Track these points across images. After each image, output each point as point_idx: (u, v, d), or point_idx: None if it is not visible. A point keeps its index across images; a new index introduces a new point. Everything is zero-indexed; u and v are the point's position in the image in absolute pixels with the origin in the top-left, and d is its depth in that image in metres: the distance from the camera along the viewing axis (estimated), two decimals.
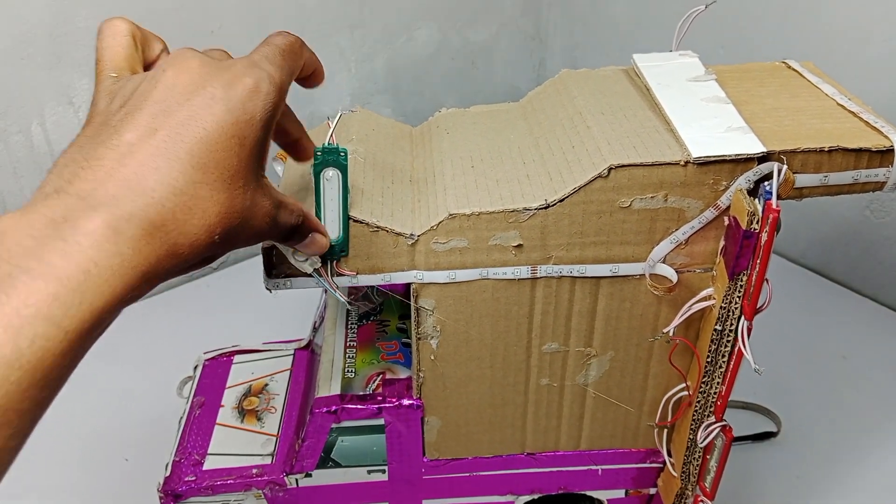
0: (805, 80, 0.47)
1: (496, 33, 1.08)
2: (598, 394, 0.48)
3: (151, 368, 0.76)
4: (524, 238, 0.42)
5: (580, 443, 0.51)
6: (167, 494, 0.50)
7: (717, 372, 0.44)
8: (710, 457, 0.47)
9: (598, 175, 0.40)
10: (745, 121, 0.41)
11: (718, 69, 0.47)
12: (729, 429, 0.45)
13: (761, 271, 0.39)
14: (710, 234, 0.42)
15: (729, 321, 0.41)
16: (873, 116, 0.42)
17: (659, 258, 0.42)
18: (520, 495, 0.54)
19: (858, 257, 0.85)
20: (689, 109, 0.43)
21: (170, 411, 0.62)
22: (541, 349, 0.46)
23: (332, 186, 0.39)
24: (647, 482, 0.53)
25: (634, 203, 0.41)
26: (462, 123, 0.50)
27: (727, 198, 0.40)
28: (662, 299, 0.44)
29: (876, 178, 0.41)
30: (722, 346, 0.42)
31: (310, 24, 0.89)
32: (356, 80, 0.97)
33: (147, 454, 0.65)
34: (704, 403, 0.45)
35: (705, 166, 0.39)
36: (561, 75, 0.50)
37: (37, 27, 0.72)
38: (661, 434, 0.50)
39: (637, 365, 0.47)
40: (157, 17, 0.78)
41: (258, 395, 0.58)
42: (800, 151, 0.39)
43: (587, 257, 0.42)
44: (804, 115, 0.43)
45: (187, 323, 0.83)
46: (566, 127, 0.45)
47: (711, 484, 0.47)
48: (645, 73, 0.47)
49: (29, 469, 0.66)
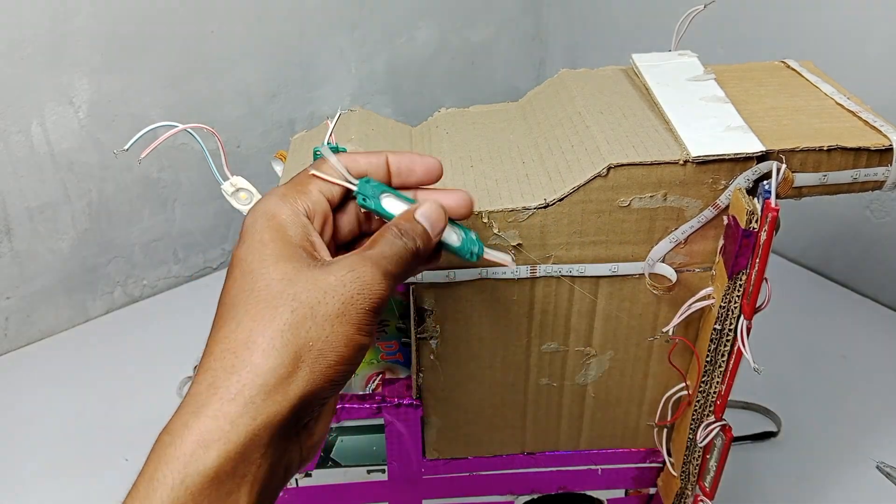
0: (804, 80, 0.47)
1: (496, 33, 1.08)
2: (598, 394, 0.48)
3: (151, 368, 0.76)
4: (523, 237, 0.42)
5: (580, 442, 0.51)
6: None
7: (717, 371, 0.43)
8: (709, 456, 0.47)
9: (597, 174, 0.40)
10: (744, 120, 0.41)
11: (717, 69, 0.47)
12: (728, 428, 0.45)
13: (760, 270, 0.39)
14: (710, 233, 0.42)
15: (728, 320, 0.41)
16: (872, 116, 0.42)
17: (658, 257, 0.42)
18: (519, 495, 0.54)
19: (858, 257, 0.85)
20: (688, 109, 0.43)
21: (170, 411, 0.62)
22: (540, 349, 0.46)
23: None
24: (647, 482, 0.53)
25: (634, 202, 0.41)
26: (461, 123, 0.50)
27: (726, 197, 0.40)
28: (662, 298, 0.44)
29: (875, 176, 0.41)
30: (721, 346, 0.42)
31: (310, 24, 0.89)
32: (356, 80, 0.97)
33: (147, 454, 0.65)
34: (704, 403, 0.45)
35: (704, 165, 0.39)
36: (560, 75, 0.50)
37: (37, 27, 0.72)
38: (660, 434, 0.50)
39: (636, 364, 0.47)
40: (158, 18, 0.78)
41: None
42: (799, 150, 0.39)
43: (586, 257, 0.42)
44: (803, 115, 0.43)
45: (187, 323, 0.82)
46: (565, 126, 0.45)
47: (711, 483, 0.47)
48: (644, 72, 0.47)
49: (29, 469, 0.66)
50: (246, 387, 0.28)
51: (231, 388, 0.28)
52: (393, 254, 0.32)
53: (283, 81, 0.91)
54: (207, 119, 0.85)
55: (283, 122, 0.93)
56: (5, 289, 0.79)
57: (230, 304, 0.30)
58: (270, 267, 0.30)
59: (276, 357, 0.28)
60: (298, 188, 0.33)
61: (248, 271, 0.30)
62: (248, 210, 0.33)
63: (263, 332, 0.28)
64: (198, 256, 0.93)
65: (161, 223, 0.88)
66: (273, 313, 0.29)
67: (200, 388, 0.28)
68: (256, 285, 0.30)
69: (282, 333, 0.28)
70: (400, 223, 0.33)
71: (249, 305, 0.29)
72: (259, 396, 0.28)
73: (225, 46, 0.84)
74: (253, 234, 0.31)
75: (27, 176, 0.76)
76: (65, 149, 0.77)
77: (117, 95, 0.79)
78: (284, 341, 0.28)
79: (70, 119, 0.77)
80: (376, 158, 0.35)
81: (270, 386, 0.28)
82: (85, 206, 0.81)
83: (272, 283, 0.30)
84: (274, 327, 0.29)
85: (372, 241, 0.32)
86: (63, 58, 0.74)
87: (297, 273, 0.30)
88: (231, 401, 0.28)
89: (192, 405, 0.28)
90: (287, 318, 0.29)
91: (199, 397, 0.28)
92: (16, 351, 0.82)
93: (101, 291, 0.86)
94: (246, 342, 0.28)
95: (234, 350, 0.28)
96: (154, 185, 0.85)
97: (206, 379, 0.28)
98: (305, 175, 0.34)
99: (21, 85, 0.73)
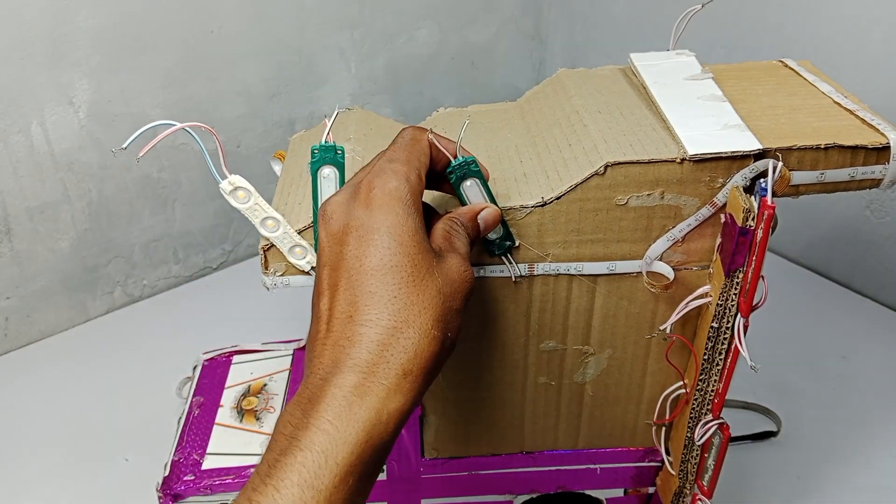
0: (802, 79, 0.47)
1: (496, 33, 1.08)
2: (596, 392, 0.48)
3: (151, 368, 0.76)
4: (521, 236, 0.42)
5: (578, 441, 0.51)
6: (166, 494, 0.50)
7: (714, 369, 0.43)
8: (707, 455, 0.46)
9: (594, 173, 0.40)
10: (742, 118, 0.41)
11: (715, 68, 0.47)
12: (726, 426, 0.45)
13: (757, 268, 0.39)
14: (707, 231, 0.42)
15: (725, 318, 0.41)
16: (870, 114, 0.42)
17: (656, 255, 0.42)
18: (518, 494, 0.54)
19: (858, 257, 0.85)
20: (685, 107, 0.43)
21: (170, 411, 0.63)
22: (538, 347, 0.46)
23: (328, 184, 0.40)
24: (646, 481, 0.53)
25: (631, 200, 0.41)
26: (460, 123, 0.50)
27: (723, 195, 0.40)
28: (659, 297, 0.44)
29: (872, 175, 0.41)
30: (719, 344, 0.42)
31: (310, 24, 0.90)
32: (356, 80, 0.97)
33: (147, 454, 0.65)
34: (702, 401, 0.45)
35: (701, 163, 0.39)
36: (558, 74, 0.50)
37: (37, 27, 0.72)
38: (658, 432, 0.50)
39: (634, 363, 0.47)
40: (158, 17, 0.78)
41: (257, 395, 0.58)
42: (796, 149, 0.39)
43: (584, 255, 0.43)
44: (800, 113, 0.43)
45: (187, 323, 0.83)
46: (563, 125, 0.45)
47: (709, 482, 0.47)
48: (642, 71, 0.47)
49: (29, 469, 0.66)
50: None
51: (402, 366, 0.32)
52: (466, 245, 0.37)
53: (283, 81, 0.91)
54: (207, 119, 0.86)
55: (283, 122, 0.93)
56: (5, 289, 0.80)
57: (381, 278, 0.33)
58: (417, 254, 0.33)
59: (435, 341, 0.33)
60: (416, 165, 0.36)
61: (396, 248, 0.33)
62: (373, 175, 0.35)
63: (424, 319, 0.33)
64: (198, 256, 0.93)
65: (161, 223, 0.88)
66: (429, 301, 0.33)
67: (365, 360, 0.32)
68: (405, 267, 0.33)
69: (436, 321, 0.33)
70: (464, 220, 0.38)
71: (404, 288, 0.33)
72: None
73: (225, 46, 0.84)
74: (395, 208, 0.34)
75: (27, 176, 0.76)
76: (65, 149, 0.78)
77: (117, 95, 0.79)
78: (439, 327, 0.33)
79: (70, 119, 0.77)
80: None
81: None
82: (85, 206, 0.81)
83: (418, 267, 0.33)
84: (430, 315, 0.33)
85: (447, 235, 0.37)
86: (63, 58, 0.74)
87: (436, 264, 0.34)
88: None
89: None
90: (438, 309, 0.33)
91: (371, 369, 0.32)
92: (16, 351, 0.82)
93: (101, 291, 0.86)
94: (407, 325, 0.32)
95: (398, 329, 0.32)
96: (154, 185, 0.85)
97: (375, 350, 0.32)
98: (416, 147, 0.37)
99: (21, 85, 0.73)
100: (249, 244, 0.96)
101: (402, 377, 0.32)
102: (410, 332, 0.32)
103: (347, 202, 0.35)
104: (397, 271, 0.33)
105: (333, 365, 0.32)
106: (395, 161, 0.35)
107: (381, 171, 0.35)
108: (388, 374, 0.31)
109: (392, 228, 0.33)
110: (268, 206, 0.41)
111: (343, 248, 0.34)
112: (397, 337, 0.32)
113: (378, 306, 0.32)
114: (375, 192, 0.34)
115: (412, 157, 0.36)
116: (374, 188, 0.34)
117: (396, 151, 0.36)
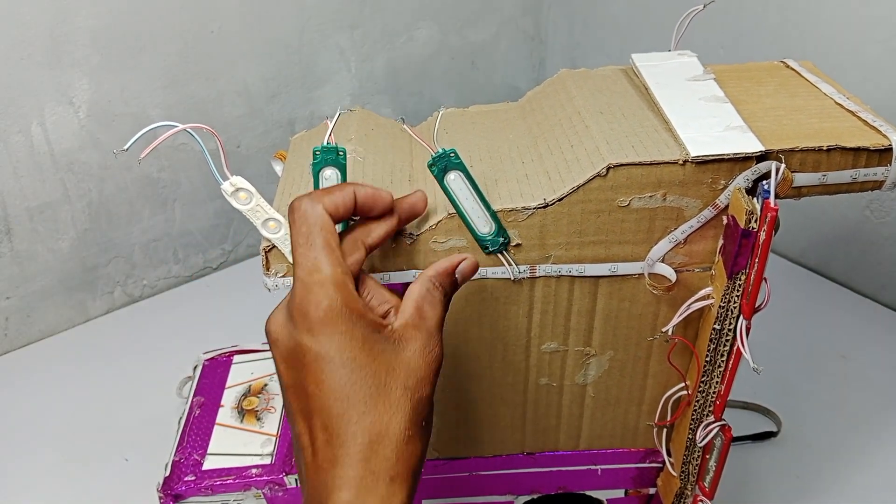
0: (803, 80, 0.47)
1: (496, 33, 1.08)
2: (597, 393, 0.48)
3: (151, 368, 0.76)
4: (523, 237, 0.42)
5: (579, 442, 0.51)
6: (167, 494, 0.50)
7: (716, 371, 0.43)
8: (709, 456, 0.47)
9: (596, 174, 0.40)
10: (744, 120, 0.41)
11: (717, 69, 0.47)
12: (728, 428, 0.45)
13: (760, 270, 0.39)
14: (709, 233, 0.42)
15: (728, 320, 0.41)
16: (872, 115, 0.42)
17: (658, 257, 0.42)
18: (519, 495, 0.54)
19: (858, 257, 0.85)
20: (687, 109, 0.43)
21: (170, 411, 0.63)
22: (540, 349, 0.46)
23: None
24: (647, 482, 0.53)
25: (633, 202, 0.41)
26: (461, 123, 0.50)
27: (726, 197, 0.40)
28: (661, 298, 0.44)
29: (875, 176, 0.40)
30: (721, 346, 0.42)
31: (310, 24, 0.90)
32: (356, 80, 0.97)
33: (147, 454, 0.65)
34: (703, 403, 0.45)
35: (704, 165, 0.39)
36: (560, 75, 0.50)
37: (37, 27, 0.72)
38: (660, 433, 0.50)
39: (636, 364, 0.47)
40: (158, 17, 0.78)
41: (258, 395, 0.58)
42: (798, 150, 0.39)
43: (586, 256, 0.42)
44: (803, 115, 0.43)
45: (187, 323, 0.83)
46: (565, 126, 0.45)
47: (711, 483, 0.47)
48: (643, 72, 0.47)
49: (29, 469, 0.66)
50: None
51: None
52: (439, 313, 0.36)
53: (283, 81, 0.91)
54: (207, 119, 0.86)
55: (283, 122, 0.93)
56: (5, 289, 0.79)
57: (344, 399, 0.33)
58: (373, 363, 0.33)
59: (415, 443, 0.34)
60: (334, 252, 0.34)
61: (351, 366, 0.33)
62: (297, 295, 0.34)
63: (396, 423, 0.33)
64: (198, 256, 0.93)
65: (161, 223, 0.88)
66: (397, 403, 0.33)
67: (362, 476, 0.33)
68: (365, 380, 0.33)
69: (409, 423, 0.34)
70: (442, 280, 0.38)
71: (369, 401, 0.33)
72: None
73: (225, 46, 0.84)
74: (338, 326, 0.33)
75: (27, 176, 0.76)
76: (65, 149, 0.77)
77: (117, 95, 0.79)
78: (413, 427, 0.34)
79: (70, 119, 0.77)
80: (342, 197, 0.36)
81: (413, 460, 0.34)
82: (85, 206, 0.81)
83: (378, 374, 0.33)
84: (401, 417, 0.33)
85: (419, 306, 0.36)
86: (63, 58, 0.74)
87: (396, 360, 0.34)
88: None
89: None
90: (408, 407, 0.34)
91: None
92: (16, 351, 0.82)
93: (101, 291, 0.86)
94: (382, 434, 0.33)
95: (375, 441, 0.33)
96: (154, 185, 0.85)
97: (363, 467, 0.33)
98: (316, 229, 0.34)
99: (21, 85, 0.73)
100: (249, 244, 0.96)
101: (391, 483, 0.33)
102: (387, 442, 0.33)
103: (288, 324, 0.34)
104: (358, 388, 0.33)
105: (324, 487, 0.32)
106: (313, 271, 0.33)
107: (308, 290, 0.33)
108: (377, 485, 0.32)
109: (341, 350, 0.32)
110: (269, 207, 0.40)
111: (299, 374, 0.33)
112: (375, 449, 0.33)
113: (350, 425, 0.32)
114: (312, 317, 0.33)
115: (323, 245, 0.34)
116: (309, 313, 0.33)
117: (305, 251, 0.34)
